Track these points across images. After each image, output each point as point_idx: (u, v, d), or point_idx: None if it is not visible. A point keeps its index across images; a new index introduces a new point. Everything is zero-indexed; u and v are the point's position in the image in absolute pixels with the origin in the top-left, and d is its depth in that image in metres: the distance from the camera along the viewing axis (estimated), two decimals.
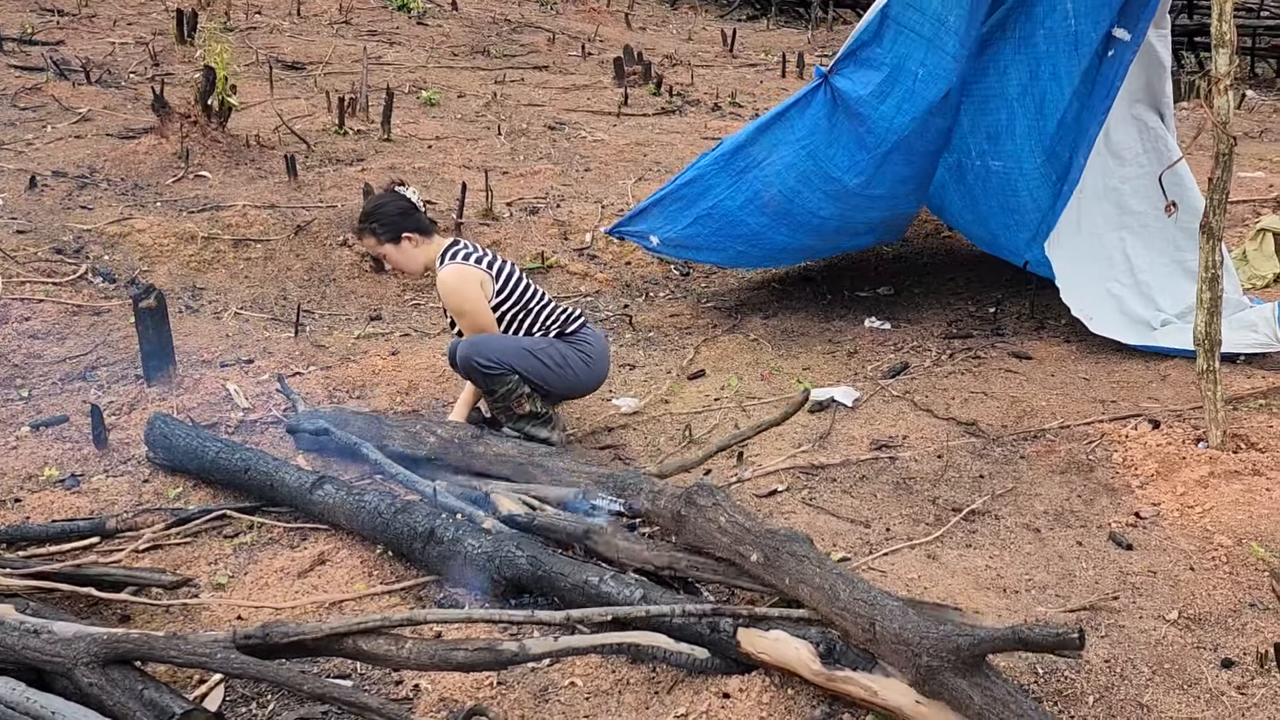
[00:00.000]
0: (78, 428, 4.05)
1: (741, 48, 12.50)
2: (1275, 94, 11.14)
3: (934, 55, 4.42)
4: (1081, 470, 3.61)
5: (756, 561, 2.60)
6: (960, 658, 2.12)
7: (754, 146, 4.71)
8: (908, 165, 4.87)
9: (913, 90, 4.48)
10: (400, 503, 3.18)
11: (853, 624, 2.33)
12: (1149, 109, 4.73)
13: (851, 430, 4.05)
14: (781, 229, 5.04)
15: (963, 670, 2.11)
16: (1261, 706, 2.41)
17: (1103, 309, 4.70)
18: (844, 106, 4.54)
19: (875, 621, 2.28)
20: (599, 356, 4.05)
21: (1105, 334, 4.60)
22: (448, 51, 10.95)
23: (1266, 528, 3.13)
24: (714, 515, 2.76)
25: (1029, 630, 2.09)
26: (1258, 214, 6.53)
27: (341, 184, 6.55)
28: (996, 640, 2.12)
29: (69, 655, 2.12)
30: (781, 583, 2.55)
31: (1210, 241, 3.52)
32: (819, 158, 4.68)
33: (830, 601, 2.40)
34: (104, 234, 5.67)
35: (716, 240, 5.11)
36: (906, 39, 4.39)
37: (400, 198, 3.99)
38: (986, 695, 2.08)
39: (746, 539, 2.66)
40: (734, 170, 4.76)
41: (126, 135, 7.12)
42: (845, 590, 2.40)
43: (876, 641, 2.25)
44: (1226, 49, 3.42)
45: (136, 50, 9.71)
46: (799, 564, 2.52)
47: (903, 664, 2.20)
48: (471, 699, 2.50)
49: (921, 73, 4.44)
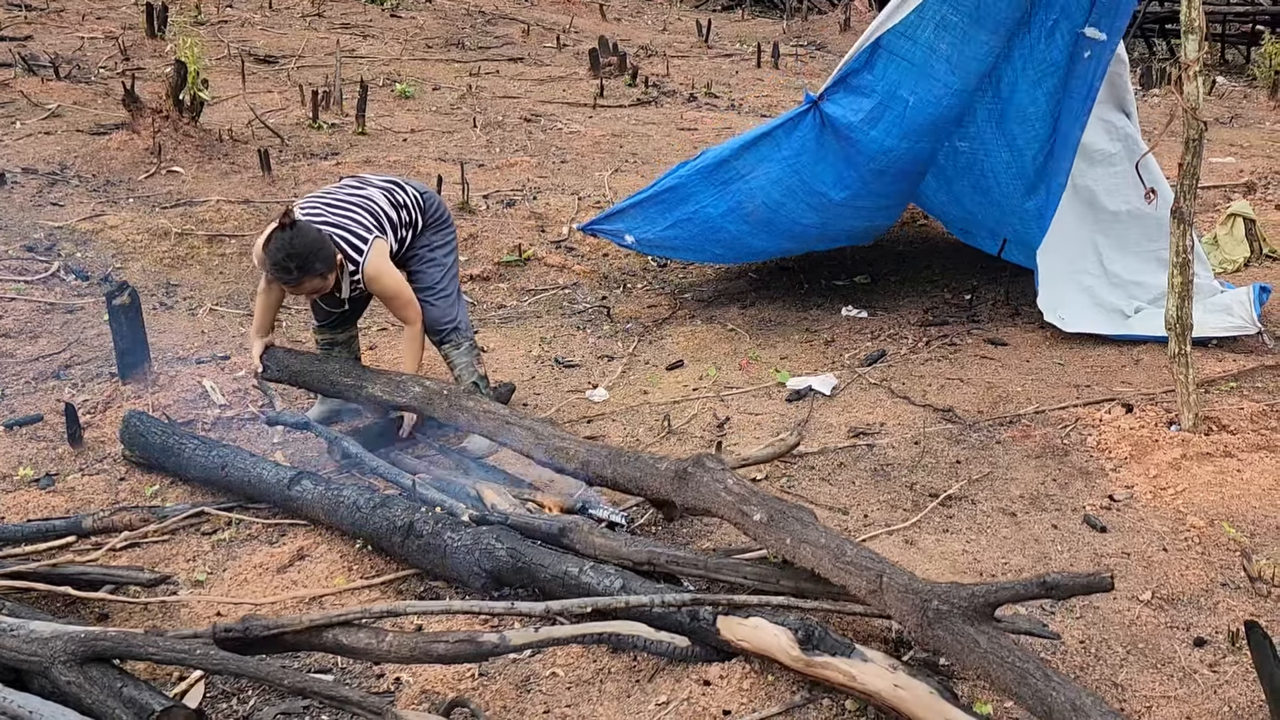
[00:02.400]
0: (52, 426, 4.01)
1: (717, 38, 12.50)
2: (1245, 80, 11.26)
3: (925, 82, 4.43)
4: (1056, 454, 3.65)
5: (759, 521, 2.64)
6: (973, 604, 2.19)
7: (738, 161, 4.70)
8: (895, 183, 4.93)
9: (903, 116, 4.50)
10: (379, 497, 3.17)
11: (859, 578, 2.39)
12: (1114, 109, 4.77)
13: (829, 418, 4.08)
14: (761, 236, 5.06)
15: (971, 617, 2.18)
16: (1233, 683, 2.45)
17: (1075, 303, 4.73)
18: (833, 130, 4.55)
19: (883, 574, 2.35)
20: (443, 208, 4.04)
21: (1079, 329, 4.62)
22: (422, 44, 10.89)
23: (1238, 508, 3.18)
24: (721, 477, 2.82)
25: (1057, 576, 2.17)
26: (1228, 199, 6.60)
27: (316, 178, 6.50)
28: (1018, 588, 2.20)
29: (46, 654, 2.11)
30: (782, 544, 2.58)
31: (1181, 226, 3.56)
32: (805, 174, 4.69)
33: (835, 558, 2.45)
34: (76, 231, 5.61)
35: (694, 243, 5.13)
36: (898, 67, 4.39)
37: (310, 226, 3.60)
38: (993, 641, 2.15)
39: (752, 499, 2.71)
40: (717, 181, 4.76)
41: (97, 131, 7.05)
42: (851, 549, 2.45)
43: (883, 592, 2.32)
44: (1196, 35, 3.45)
45: (106, 45, 9.61)
46: (802, 527, 2.56)
47: (908, 610, 2.26)
48: (453, 691, 2.50)
49: (913, 100, 4.45)
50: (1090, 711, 1.97)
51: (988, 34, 4.40)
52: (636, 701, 2.46)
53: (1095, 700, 2.00)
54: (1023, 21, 4.48)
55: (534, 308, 5.41)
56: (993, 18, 4.34)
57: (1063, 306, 4.68)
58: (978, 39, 4.38)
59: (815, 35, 13.06)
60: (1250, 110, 9.87)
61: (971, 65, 4.48)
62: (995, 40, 4.46)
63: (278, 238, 3.45)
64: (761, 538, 2.64)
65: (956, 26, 4.32)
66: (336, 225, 3.64)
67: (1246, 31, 12.56)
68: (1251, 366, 4.24)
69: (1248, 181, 7.12)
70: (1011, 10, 4.37)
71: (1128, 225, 4.76)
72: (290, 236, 3.44)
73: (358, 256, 3.62)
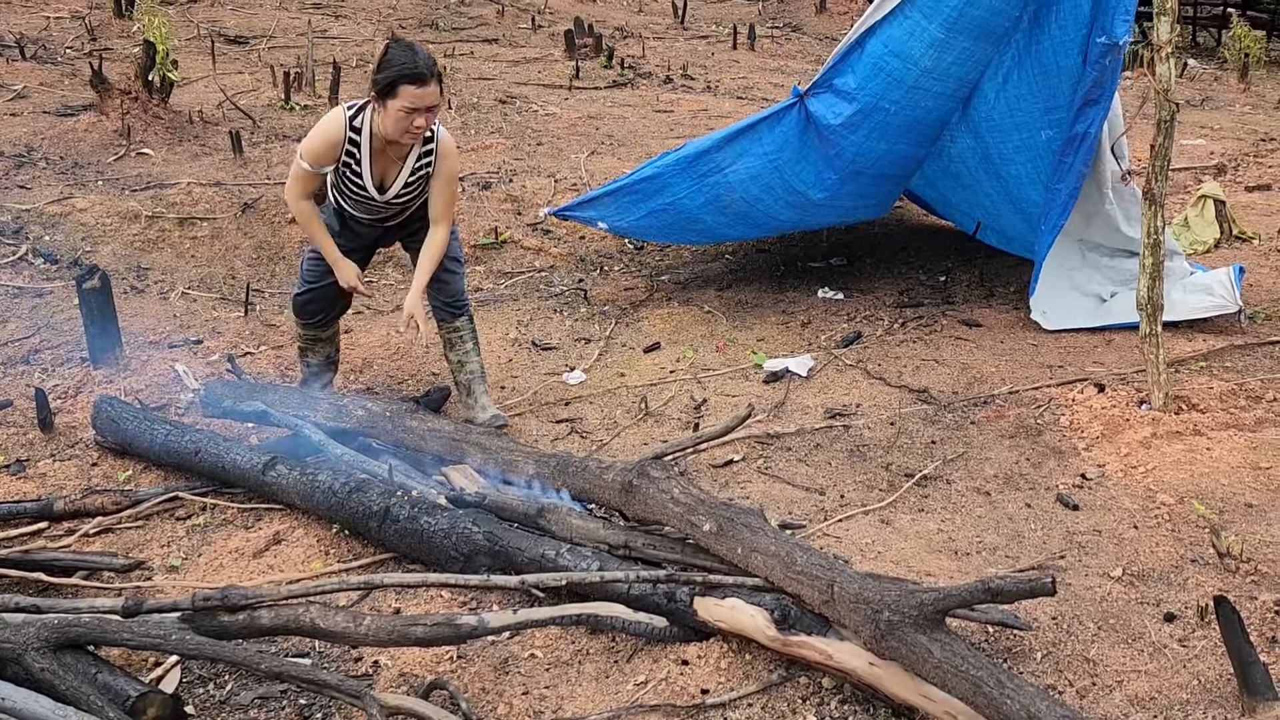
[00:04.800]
0: (21, 412, 3.96)
1: (693, 19, 12.45)
2: (1216, 63, 11.34)
3: (914, 95, 4.37)
4: (1030, 434, 3.69)
5: (709, 531, 2.61)
6: (923, 613, 2.16)
7: (719, 153, 4.64)
8: (874, 186, 4.90)
9: (885, 125, 4.45)
10: (355, 481, 3.15)
11: (810, 587, 2.36)
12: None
13: (806, 399, 4.09)
14: (737, 227, 5.05)
15: (923, 626, 2.15)
16: (1202, 658, 2.49)
17: (1058, 295, 4.70)
18: (815, 128, 4.50)
19: (834, 584, 2.31)
20: None
21: (1060, 326, 4.57)
22: (395, 24, 10.77)
23: (1207, 486, 3.22)
24: (667, 487, 2.77)
25: (999, 582, 2.14)
26: (1199, 181, 6.66)
27: (289, 160, 6.40)
28: (963, 593, 2.17)
29: (19, 641, 2.09)
30: (734, 553, 2.56)
31: (1152, 208, 3.59)
32: (785, 172, 4.64)
33: (786, 567, 2.43)
34: (44, 214, 5.53)
35: (669, 231, 5.11)
36: (882, 80, 4.31)
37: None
38: (946, 649, 2.13)
39: (700, 509, 2.67)
40: (696, 173, 4.72)
41: (65, 113, 6.93)
42: (802, 556, 2.43)
43: (834, 603, 2.29)
44: (1168, 17, 3.47)
45: (72, 25, 9.45)
46: (752, 534, 2.55)
47: (861, 622, 2.23)
48: (431, 673, 2.50)
49: (895, 110, 4.39)
50: (1045, 716, 1.96)
51: (981, 44, 4.32)
52: (615, 681, 2.47)
53: (1050, 704, 1.99)
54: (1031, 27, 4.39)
55: (511, 290, 5.39)
56: (986, 29, 4.26)
57: (1046, 303, 4.67)
58: (969, 50, 4.30)
59: (791, 17, 13.03)
60: (1221, 93, 9.95)
61: (960, 74, 4.41)
62: (986, 48, 4.38)
63: (398, 45, 3.32)
64: (713, 547, 2.61)
65: (947, 43, 4.22)
66: None
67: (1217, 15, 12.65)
68: (1221, 346, 4.29)
69: (1218, 164, 7.19)
70: (1003, 19, 4.27)
71: (1106, 209, 4.78)
72: (409, 43, 3.37)
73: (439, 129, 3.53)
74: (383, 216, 3.70)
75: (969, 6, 4.15)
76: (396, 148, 3.49)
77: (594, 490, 3.01)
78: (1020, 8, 4.32)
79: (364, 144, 3.47)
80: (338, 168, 3.53)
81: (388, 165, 3.54)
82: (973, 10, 4.17)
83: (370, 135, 3.46)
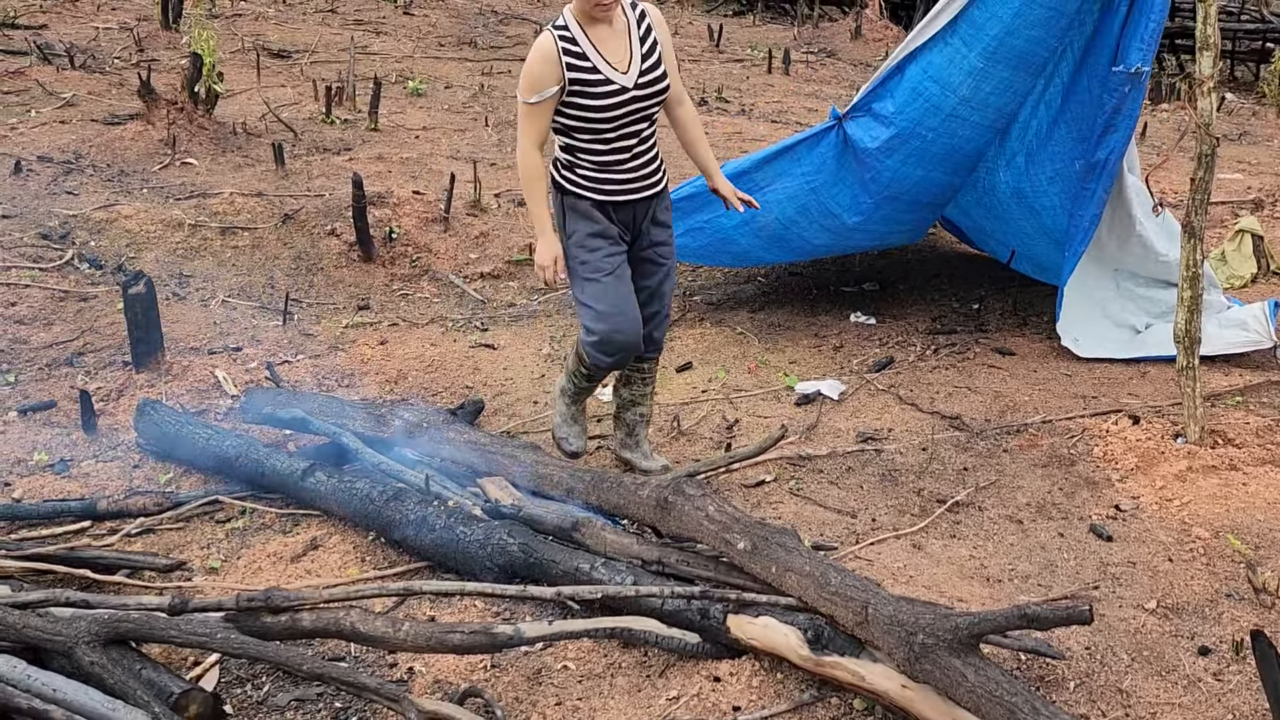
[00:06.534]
0: (65, 413, 4.05)
1: (728, 43, 12.54)
2: (1254, 97, 11.29)
3: (951, 124, 4.39)
4: (1063, 464, 3.68)
5: (743, 549, 2.63)
6: (958, 637, 2.17)
7: (758, 173, 4.68)
8: (909, 212, 4.93)
9: (922, 151, 4.48)
10: (392, 490, 3.20)
11: (844, 609, 2.38)
12: None
13: (837, 423, 4.11)
14: (772, 250, 5.08)
15: (957, 650, 2.16)
16: (1237, 692, 2.48)
17: (1091, 323, 4.70)
18: (852, 151, 4.54)
19: (869, 605, 2.32)
20: None
21: (1093, 354, 4.56)
22: (434, 42, 10.93)
23: (1242, 520, 3.21)
24: (702, 504, 2.80)
25: (1036, 608, 2.15)
26: (1236, 215, 6.63)
27: (329, 173, 6.54)
28: (999, 619, 2.18)
29: (70, 634, 2.14)
30: (768, 571, 2.58)
31: (1191, 241, 3.59)
32: (821, 194, 4.67)
33: (820, 588, 2.44)
34: (90, 220, 5.65)
35: (704, 251, 5.14)
36: (920, 106, 4.34)
37: None
38: (980, 675, 2.13)
39: (735, 527, 2.69)
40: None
41: (112, 121, 7.09)
42: (836, 577, 2.44)
43: (869, 624, 2.30)
44: (1210, 52, 3.48)
45: (121, 35, 9.65)
46: (787, 554, 2.56)
47: (895, 644, 2.24)
48: (465, 681, 2.53)
49: (932, 136, 4.42)
50: None
51: (1019, 74, 4.34)
52: (647, 696, 2.49)
53: None
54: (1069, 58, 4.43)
55: (544, 307, 5.44)
56: (1024, 60, 4.29)
57: (1078, 329, 4.68)
58: (1007, 80, 4.33)
59: (826, 42, 13.10)
60: (1258, 127, 9.90)
61: (998, 104, 4.43)
62: (1024, 79, 4.40)
63: None
64: (747, 566, 2.62)
65: (986, 72, 4.25)
66: None
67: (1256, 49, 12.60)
68: (1258, 382, 4.27)
69: (1255, 198, 7.15)
70: (1041, 47, 4.30)
71: (1139, 240, 4.77)
72: None
73: None
74: (637, 117, 3.30)
75: (1009, 36, 4.18)
76: (609, 30, 3.22)
77: (629, 506, 3.04)
78: (1060, 39, 4.34)
79: (582, 41, 3.20)
80: (569, 102, 3.22)
81: (614, 48, 3.23)
82: (1013, 40, 4.19)
83: (582, 31, 3.21)
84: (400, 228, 5.84)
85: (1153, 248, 4.75)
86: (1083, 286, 4.67)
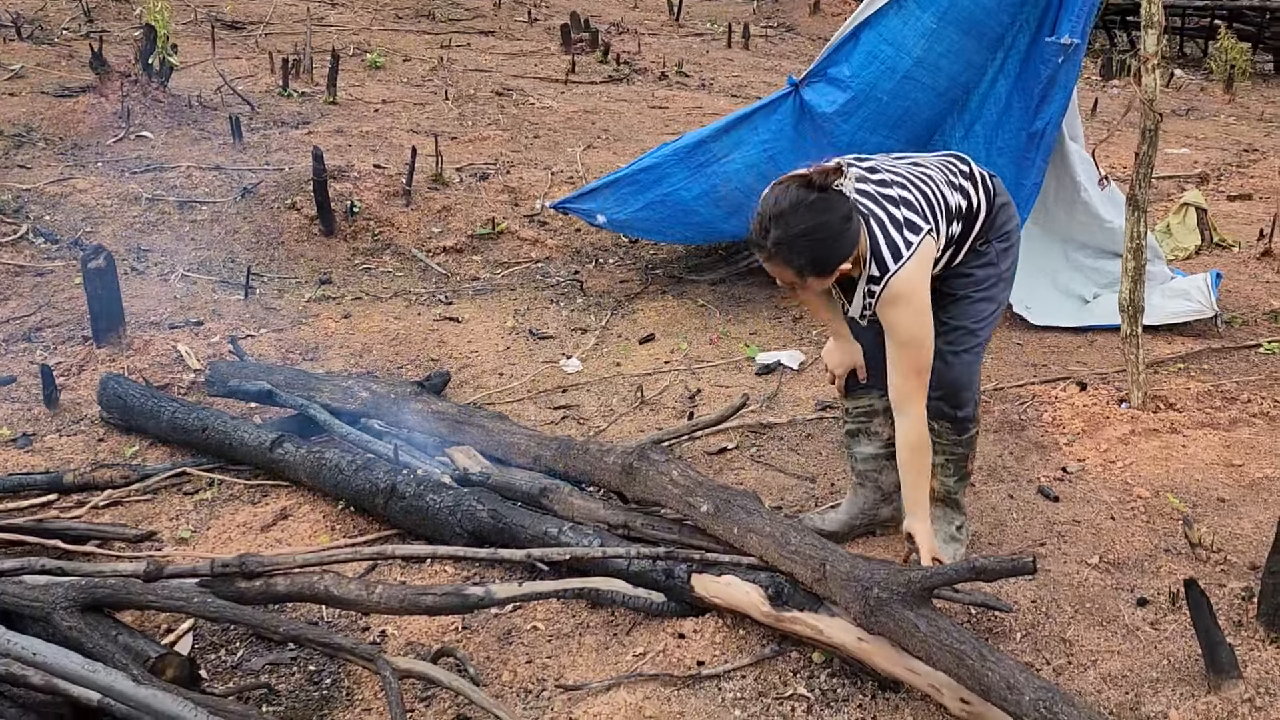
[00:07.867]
0: (26, 388, 4.03)
1: (688, 16, 12.55)
2: (1202, 73, 11.53)
3: (905, 85, 4.48)
4: (1014, 429, 3.81)
5: (706, 512, 2.72)
6: (911, 590, 2.28)
7: (716, 143, 4.73)
8: None
9: (878, 115, 4.56)
10: (361, 459, 3.24)
11: (803, 566, 2.47)
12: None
13: (797, 391, 4.21)
14: (733, 220, 5.13)
15: (911, 603, 2.27)
16: (1172, 640, 2.62)
17: (1041, 293, 4.85)
18: (810, 117, 4.61)
19: (826, 563, 2.42)
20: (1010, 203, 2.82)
21: (1045, 323, 4.73)
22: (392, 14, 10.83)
23: (1181, 480, 3.36)
24: (666, 469, 2.88)
25: (983, 560, 2.26)
26: (1182, 189, 6.82)
27: (288, 146, 6.50)
28: (949, 572, 2.28)
29: (47, 600, 2.17)
30: (730, 533, 2.67)
31: (1136, 213, 3.72)
32: (779, 161, 4.72)
33: (780, 547, 2.54)
34: (44, 194, 5.58)
35: (665, 225, 5.18)
36: (876, 68, 4.44)
37: (838, 198, 2.42)
38: (932, 625, 2.24)
39: (698, 491, 2.78)
40: (693, 163, 4.80)
41: (63, 93, 6.97)
42: (796, 536, 2.54)
43: (826, 580, 2.40)
44: (1155, 29, 3.60)
45: (69, 6, 9.46)
46: (748, 515, 2.66)
47: (851, 599, 2.35)
48: (437, 643, 2.60)
49: (887, 99, 4.51)
50: (1024, 688, 2.06)
51: (970, 40, 4.45)
52: (614, 653, 2.57)
53: (1028, 676, 2.10)
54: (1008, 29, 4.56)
55: (507, 280, 5.48)
56: (976, 26, 4.40)
57: (1030, 298, 4.82)
58: (958, 44, 4.43)
59: (785, 17, 13.15)
60: (1206, 103, 10.14)
61: (951, 70, 4.52)
62: (975, 46, 4.50)
63: (785, 190, 2.42)
64: (710, 528, 2.70)
65: (938, 34, 4.35)
66: (882, 203, 2.48)
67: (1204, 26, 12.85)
68: (1198, 349, 4.44)
69: (1201, 173, 7.35)
70: (994, 19, 4.41)
71: (1084, 207, 4.91)
72: (800, 199, 2.39)
73: (892, 261, 2.41)
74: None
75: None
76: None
77: (595, 472, 3.10)
78: (1013, 12, 4.45)
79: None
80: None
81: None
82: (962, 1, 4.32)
83: None
84: (361, 202, 5.83)
85: (1098, 214, 4.89)
86: (1033, 257, 4.79)
